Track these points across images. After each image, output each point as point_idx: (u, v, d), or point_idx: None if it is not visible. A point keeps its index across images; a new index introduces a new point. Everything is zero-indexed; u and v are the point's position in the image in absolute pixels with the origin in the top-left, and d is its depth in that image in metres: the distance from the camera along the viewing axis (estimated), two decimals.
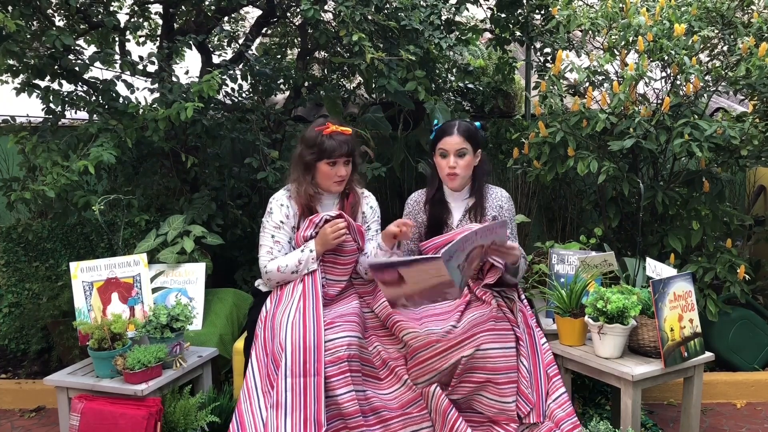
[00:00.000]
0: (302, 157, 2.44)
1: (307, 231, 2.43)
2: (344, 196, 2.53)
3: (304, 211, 2.45)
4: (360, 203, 2.56)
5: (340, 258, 2.46)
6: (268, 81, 3.68)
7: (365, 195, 2.60)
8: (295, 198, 2.46)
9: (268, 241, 2.46)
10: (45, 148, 2.90)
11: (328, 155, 2.38)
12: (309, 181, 2.44)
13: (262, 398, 2.19)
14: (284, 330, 2.22)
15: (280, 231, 2.46)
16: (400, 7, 3.10)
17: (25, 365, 3.45)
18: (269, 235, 2.47)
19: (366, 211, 2.57)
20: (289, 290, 2.40)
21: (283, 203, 2.47)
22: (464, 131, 2.39)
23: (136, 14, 3.75)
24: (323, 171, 2.42)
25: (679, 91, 3.06)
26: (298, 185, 2.45)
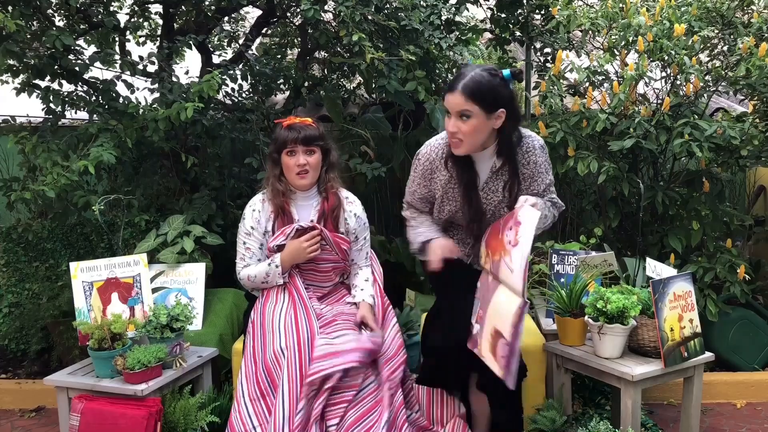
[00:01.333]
0: (270, 153, 2.48)
1: (277, 240, 2.40)
2: (324, 199, 2.46)
3: (278, 213, 2.44)
4: (342, 207, 2.47)
5: (320, 266, 2.46)
6: (268, 81, 3.68)
7: (349, 200, 2.51)
8: (269, 199, 2.46)
9: (241, 247, 2.48)
10: (45, 148, 2.90)
11: (285, 144, 2.38)
12: (277, 177, 2.44)
13: (251, 406, 2.20)
14: (277, 337, 2.24)
15: (251, 237, 2.46)
16: (400, 7, 3.10)
17: (25, 365, 3.45)
18: (241, 241, 2.48)
19: (350, 219, 2.48)
20: (273, 297, 2.41)
21: (256, 208, 2.47)
22: (470, 89, 1.89)
23: (136, 14, 3.74)
24: (286, 163, 2.40)
25: (679, 91, 3.06)
26: (270, 184, 2.46)
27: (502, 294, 1.87)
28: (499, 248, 1.92)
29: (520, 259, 1.78)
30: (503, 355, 1.81)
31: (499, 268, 1.89)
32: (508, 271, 1.83)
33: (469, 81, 1.89)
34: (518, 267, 1.80)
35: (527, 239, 1.79)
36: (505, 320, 1.80)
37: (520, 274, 1.78)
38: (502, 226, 1.93)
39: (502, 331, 1.81)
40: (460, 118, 1.93)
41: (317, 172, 2.44)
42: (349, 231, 2.49)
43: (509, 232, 1.85)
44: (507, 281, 1.84)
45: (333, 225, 2.44)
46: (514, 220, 1.86)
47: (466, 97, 1.90)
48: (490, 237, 2.03)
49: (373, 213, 3.83)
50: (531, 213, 1.82)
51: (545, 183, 2.14)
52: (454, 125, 1.94)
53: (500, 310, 1.85)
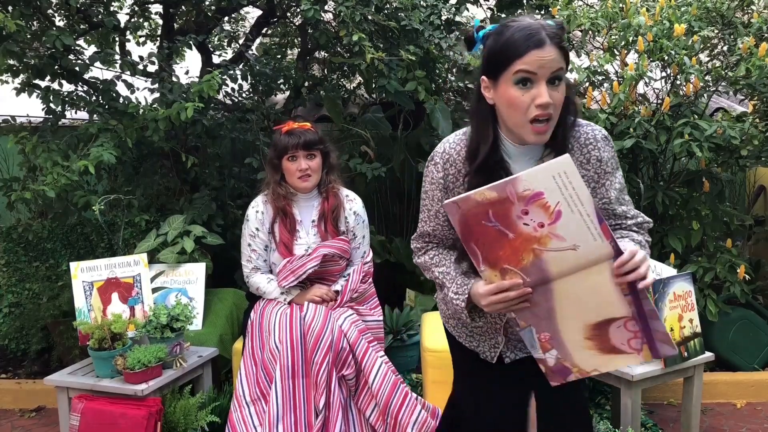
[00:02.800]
0: (270, 159, 2.50)
1: (287, 279, 2.43)
2: (324, 200, 2.50)
3: (278, 213, 2.47)
4: (342, 206, 2.52)
5: (329, 278, 2.53)
6: (268, 81, 3.68)
7: (350, 198, 2.56)
8: (270, 201, 2.49)
9: (246, 249, 2.52)
10: (45, 148, 2.90)
11: (286, 150, 2.41)
12: (278, 182, 2.47)
13: (252, 406, 2.24)
14: (273, 335, 2.28)
15: (255, 239, 2.50)
16: (400, 7, 3.10)
17: (25, 365, 3.45)
18: (246, 243, 2.52)
19: (349, 217, 2.53)
20: (274, 300, 2.48)
21: (258, 209, 2.50)
22: (560, 39, 1.32)
23: (136, 14, 3.75)
24: (287, 168, 2.44)
25: (679, 91, 3.06)
26: (271, 189, 2.49)
27: (572, 284, 1.29)
28: (522, 249, 1.28)
29: (581, 221, 1.23)
30: (634, 331, 1.30)
31: (545, 262, 1.28)
32: (567, 253, 1.26)
33: (555, 28, 1.31)
34: (584, 231, 1.24)
35: (572, 196, 1.22)
36: (604, 299, 1.29)
37: (593, 233, 1.24)
38: (501, 223, 1.26)
39: (610, 313, 1.29)
40: (552, 84, 1.30)
41: (319, 175, 2.48)
42: (348, 229, 2.52)
43: (526, 218, 1.25)
44: (573, 262, 1.27)
45: (333, 224, 2.47)
46: (519, 197, 1.23)
47: (559, 51, 1.30)
48: (488, 251, 1.30)
49: (373, 213, 3.83)
50: (554, 165, 1.21)
51: (616, 188, 1.47)
52: (547, 96, 1.29)
53: (586, 298, 1.30)
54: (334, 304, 2.42)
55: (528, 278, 1.29)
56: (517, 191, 1.22)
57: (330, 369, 2.20)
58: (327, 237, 2.46)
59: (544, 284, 1.30)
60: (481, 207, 1.25)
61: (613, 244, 1.23)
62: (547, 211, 1.23)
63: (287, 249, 2.44)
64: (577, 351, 1.36)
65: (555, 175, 1.20)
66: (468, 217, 1.26)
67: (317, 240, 2.46)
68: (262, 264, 2.52)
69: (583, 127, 1.46)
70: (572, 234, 1.24)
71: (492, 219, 1.25)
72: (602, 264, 1.26)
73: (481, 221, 1.26)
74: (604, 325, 1.32)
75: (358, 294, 2.49)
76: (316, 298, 2.40)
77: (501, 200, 1.23)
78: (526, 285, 1.30)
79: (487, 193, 1.23)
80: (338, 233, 2.49)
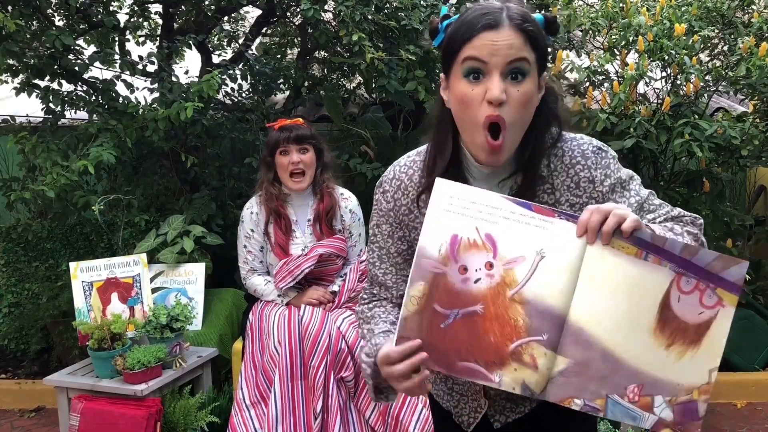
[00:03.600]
0: (263, 157, 2.51)
1: (285, 281, 2.42)
2: (319, 200, 2.49)
3: (271, 214, 2.46)
4: (338, 204, 2.51)
5: (326, 278, 2.53)
6: (268, 81, 3.68)
7: (345, 197, 2.56)
8: (264, 201, 2.48)
9: (242, 251, 2.53)
10: (45, 148, 2.90)
11: (278, 144, 2.42)
12: (271, 181, 2.47)
13: (252, 410, 2.25)
14: (272, 338, 2.28)
15: (251, 240, 2.50)
16: (400, 7, 3.09)
17: (24, 365, 3.45)
18: (242, 245, 2.53)
19: (345, 215, 2.53)
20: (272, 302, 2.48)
21: (253, 210, 2.51)
22: (524, 20, 1.03)
23: (135, 14, 3.74)
24: (280, 163, 2.44)
25: (680, 90, 3.05)
26: (264, 188, 2.49)
27: (586, 297, 0.95)
28: (503, 311, 0.96)
29: (515, 225, 0.97)
30: (694, 286, 0.95)
31: (538, 300, 0.96)
32: (543, 267, 0.95)
33: (517, 10, 1.03)
34: (528, 231, 0.96)
35: (481, 211, 0.97)
36: (628, 280, 0.94)
37: (538, 225, 0.96)
38: (456, 305, 0.97)
39: (652, 290, 0.94)
40: (509, 78, 1.02)
41: (312, 173, 2.46)
42: (344, 227, 2.52)
43: (470, 274, 0.97)
44: (560, 273, 0.95)
45: (328, 224, 2.46)
46: (442, 260, 0.97)
47: (523, 36, 1.02)
48: (481, 353, 0.98)
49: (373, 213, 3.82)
50: (436, 200, 0.98)
51: (632, 204, 1.12)
52: (500, 91, 1.00)
53: (614, 300, 0.95)
54: (331, 305, 2.42)
55: (545, 336, 0.95)
56: (434, 258, 0.96)
57: (328, 372, 2.20)
58: (323, 237, 2.45)
59: (567, 328, 0.95)
60: (427, 314, 0.97)
61: (565, 216, 0.95)
62: (480, 248, 0.96)
63: (282, 250, 2.43)
64: (675, 371, 0.96)
65: (447, 208, 0.97)
66: (433, 343, 0.96)
67: (313, 240, 2.45)
68: (258, 265, 2.52)
69: (567, 143, 1.14)
70: (523, 244, 0.95)
71: (446, 312, 0.96)
72: (586, 248, 0.94)
73: (440, 329, 0.96)
74: (664, 312, 0.95)
75: (356, 293, 2.49)
76: (313, 301, 2.40)
77: (434, 283, 0.96)
78: (549, 345, 0.95)
79: (416, 294, 0.97)
80: (334, 233, 2.49)
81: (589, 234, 0.93)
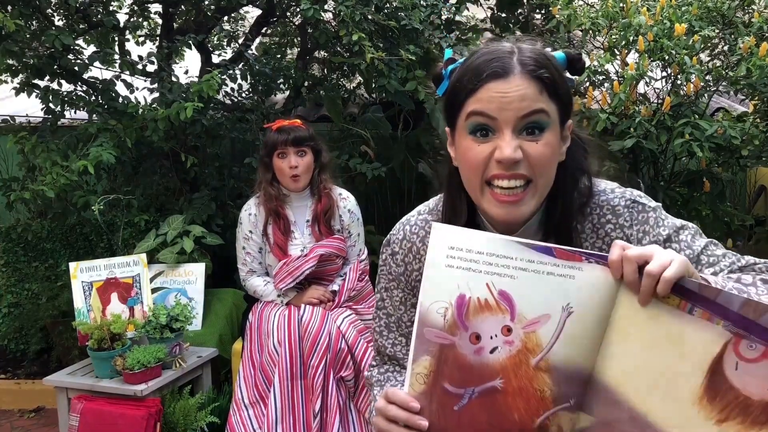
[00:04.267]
0: (261, 158, 2.49)
1: (285, 282, 2.42)
2: (317, 201, 2.48)
3: (270, 215, 2.45)
4: (336, 204, 2.51)
5: (326, 277, 2.52)
6: (268, 81, 3.68)
7: (343, 197, 2.55)
8: (262, 203, 2.47)
9: (241, 252, 2.52)
10: (44, 148, 2.89)
11: (276, 146, 2.40)
12: (269, 182, 2.45)
13: (251, 409, 2.26)
14: (272, 337, 2.28)
15: (249, 242, 2.49)
16: (400, 7, 3.09)
17: (24, 365, 3.45)
18: (241, 246, 2.52)
19: (344, 215, 2.52)
20: (271, 303, 2.48)
21: (251, 211, 2.50)
22: (541, 67, 0.88)
23: (135, 14, 3.74)
24: (278, 166, 2.42)
25: (680, 90, 3.05)
26: (263, 189, 2.47)
27: (619, 358, 0.79)
28: (527, 382, 0.80)
29: (533, 276, 0.79)
30: (756, 352, 0.74)
31: (565, 364, 0.80)
32: (568, 326, 0.79)
33: (530, 53, 0.89)
34: (548, 282, 0.79)
35: (490, 262, 0.80)
36: (670, 339, 0.76)
37: (559, 273, 0.79)
38: (472, 383, 0.81)
39: (699, 354, 0.75)
40: (524, 133, 0.88)
41: (309, 174, 2.45)
42: (343, 227, 2.52)
43: (484, 343, 0.81)
44: (586, 329, 0.79)
45: (326, 225, 2.46)
46: (449, 328, 0.81)
47: (539, 86, 0.87)
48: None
49: (373, 213, 3.82)
50: (434, 252, 0.82)
51: (687, 255, 0.93)
52: (515, 147, 0.87)
53: (651, 359, 0.77)
54: (331, 304, 2.42)
55: (572, 401, 0.79)
56: (439, 326, 0.80)
57: (327, 371, 2.20)
58: (321, 237, 2.45)
59: (593, 385, 0.79)
60: (436, 395, 0.81)
61: (594, 259, 0.77)
62: (493, 310, 0.79)
63: (281, 251, 2.42)
64: None
65: (449, 262, 0.79)
66: (447, 428, 0.82)
67: (312, 240, 2.45)
68: (257, 267, 2.51)
69: (594, 198, 1.00)
70: (546, 299, 0.78)
71: (459, 392, 0.80)
72: (616, 298, 0.77)
73: (454, 413, 0.81)
74: (714, 380, 0.75)
75: (356, 292, 2.48)
76: (313, 300, 2.39)
77: (442, 357, 0.80)
78: (575, 408, 0.79)
79: (421, 371, 0.81)
80: (332, 233, 2.48)
81: (628, 281, 0.75)
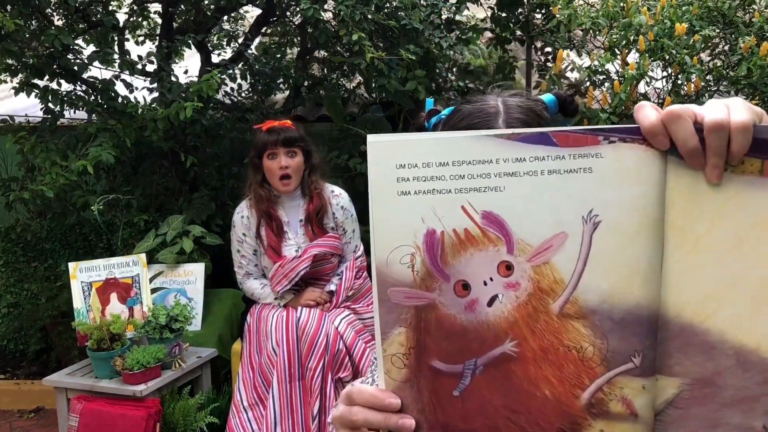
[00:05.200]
0: (251, 159, 2.46)
1: (281, 284, 2.40)
2: (309, 201, 2.45)
3: (262, 216, 2.43)
4: (328, 203, 2.48)
5: (323, 277, 2.51)
6: (268, 80, 3.67)
7: (335, 194, 2.51)
8: (253, 205, 2.45)
9: (236, 255, 2.50)
10: (44, 147, 2.89)
11: (266, 147, 2.37)
12: (259, 183, 2.42)
13: (250, 411, 2.25)
14: (270, 339, 2.28)
15: (243, 244, 2.47)
16: (400, 7, 3.09)
17: (23, 366, 3.44)
18: (235, 249, 2.49)
19: (337, 212, 2.49)
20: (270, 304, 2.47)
21: (244, 214, 2.47)
22: (521, 124, 0.82)
23: (135, 13, 3.74)
24: (268, 167, 2.38)
25: (681, 90, 3.05)
26: (253, 190, 2.45)
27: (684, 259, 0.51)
28: (552, 336, 0.54)
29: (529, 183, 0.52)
30: None
31: (600, 297, 0.52)
32: (589, 238, 0.52)
33: (517, 109, 0.84)
34: (543, 183, 0.52)
35: (444, 175, 0.53)
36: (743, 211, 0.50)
37: (559, 166, 0.52)
38: (473, 352, 0.55)
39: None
40: None
41: (300, 175, 2.42)
42: (337, 225, 2.50)
43: (475, 296, 0.54)
44: (617, 236, 0.51)
45: (318, 225, 2.44)
46: (422, 284, 0.54)
47: None
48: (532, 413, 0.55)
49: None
50: (374, 171, 0.56)
51: None
52: None
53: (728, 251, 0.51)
54: (329, 305, 2.41)
55: (636, 358, 0.53)
56: (407, 281, 0.54)
57: (325, 373, 2.19)
58: (315, 237, 2.42)
59: (665, 328, 0.52)
60: (424, 379, 0.56)
61: (618, 136, 0.51)
62: (480, 242, 0.53)
63: (275, 252, 2.40)
64: None
65: (398, 186, 0.55)
66: (448, 423, 0.56)
67: (306, 240, 2.42)
68: (253, 269, 2.49)
69: None
70: (555, 211, 0.52)
71: (455, 369, 0.55)
72: (665, 184, 0.51)
73: (454, 400, 0.55)
74: None
75: (354, 291, 2.47)
76: (310, 302, 2.38)
77: (421, 324, 0.55)
78: (647, 370, 0.53)
79: (397, 351, 0.56)
80: (326, 232, 2.45)
81: (686, 148, 0.49)
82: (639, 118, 0.51)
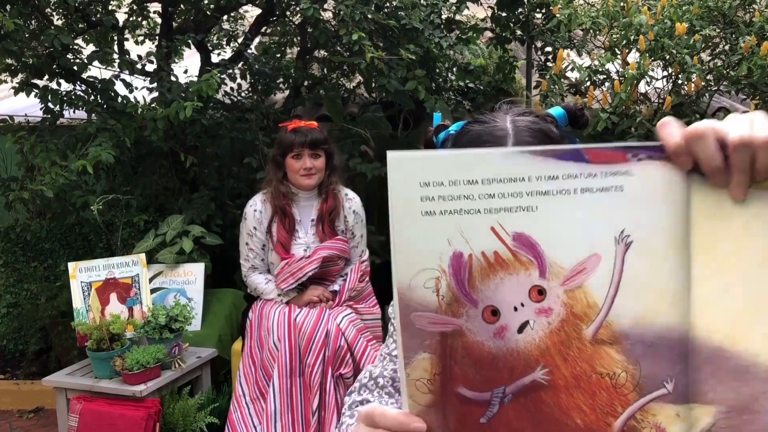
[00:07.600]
0: (274, 156, 2.48)
1: (287, 282, 2.41)
2: (323, 201, 2.48)
3: (276, 212, 2.45)
4: (341, 205, 2.51)
5: (327, 278, 2.52)
6: (268, 80, 3.67)
7: (349, 197, 2.55)
8: (270, 199, 2.47)
9: (244, 248, 2.51)
10: (43, 147, 2.88)
11: (292, 148, 2.39)
12: (280, 179, 2.45)
13: (252, 406, 2.26)
14: (272, 334, 2.29)
15: (253, 238, 2.48)
16: (400, 6, 3.08)
17: (23, 366, 3.44)
18: (244, 242, 2.51)
19: (348, 216, 2.52)
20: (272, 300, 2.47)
21: (256, 208, 2.49)
22: (537, 138, 0.85)
23: (134, 13, 3.73)
24: (290, 166, 2.42)
25: (681, 90, 3.04)
26: (273, 186, 2.47)
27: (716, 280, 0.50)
28: (584, 365, 0.51)
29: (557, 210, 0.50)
30: None
31: (630, 326, 0.50)
32: (622, 264, 0.50)
33: (526, 129, 0.83)
34: (569, 203, 0.49)
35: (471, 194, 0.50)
36: None
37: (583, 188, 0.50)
38: (502, 380, 0.52)
39: None
40: None
41: (322, 175, 2.46)
42: (347, 228, 2.52)
43: (505, 322, 0.51)
44: (646, 262, 0.50)
45: (330, 225, 2.46)
46: (444, 312, 0.52)
47: None
48: None
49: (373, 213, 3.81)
50: (394, 191, 0.50)
51: None
52: None
53: None
54: (332, 303, 2.41)
55: (669, 384, 0.51)
56: (432, 306, 0.52)
57: (325, 369, 2.20)
58: (325, 237, 2.45)
59: (696, 352, 0.51)
60: (450, 406, 0.53)
61: (645, 154, 0.49)
62: (511, 265, 0.51)
63: (284, 249, 2.43)
64: None
65: (422, 206, 0.50)
66: None
67: (316, 240, 2.45)
68: (259, 263, 2.51)
69: None
70: (584, 233, 0.50)
71: (483, 397, 0.53)
72: (689, 203, 0.50)
73: (481, 428, 0.53)
74: None
75: (356, 293, 2.48)
76: (313, 299, 2.39)
77: (447, 350, 0.53)
78: (680, 396, 0.51)
79: (421, 376, 0.53)
80: (336, 233, 2.48)
81: (709, 167, 0.48)
82: (663, 137, 0.50)
